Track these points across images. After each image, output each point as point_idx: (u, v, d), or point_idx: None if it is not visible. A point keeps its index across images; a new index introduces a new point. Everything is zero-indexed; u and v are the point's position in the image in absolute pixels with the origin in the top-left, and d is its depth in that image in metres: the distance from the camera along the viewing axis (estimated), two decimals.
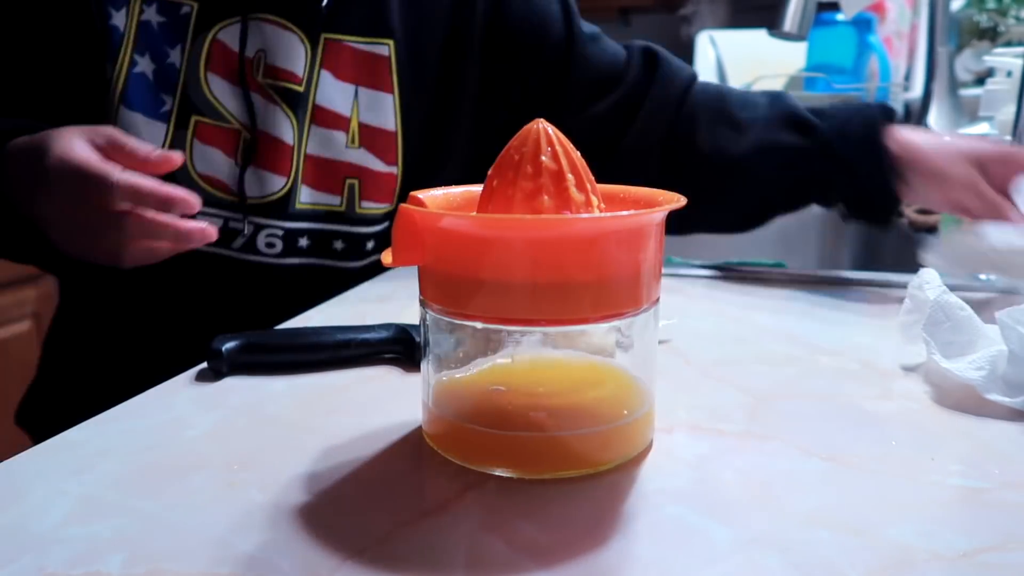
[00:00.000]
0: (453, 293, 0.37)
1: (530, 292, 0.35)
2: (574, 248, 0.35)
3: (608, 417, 0.40)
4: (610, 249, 0.36)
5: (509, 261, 0.35)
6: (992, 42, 1.35)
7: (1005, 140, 0.85)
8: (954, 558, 0.31)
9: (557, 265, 0.35)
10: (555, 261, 0.35)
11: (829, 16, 1.56)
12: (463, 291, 0.37)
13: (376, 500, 0.36)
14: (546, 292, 0.35)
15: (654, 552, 0.32)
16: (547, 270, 0.35)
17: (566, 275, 0.35)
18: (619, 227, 0.36)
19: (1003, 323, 0.46)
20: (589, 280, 0.36)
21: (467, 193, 0.43)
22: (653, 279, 0.38)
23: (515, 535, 0.33)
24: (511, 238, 0.36)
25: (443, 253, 0.37)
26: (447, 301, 0.38)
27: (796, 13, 0.98)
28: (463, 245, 0.37)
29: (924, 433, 0.43)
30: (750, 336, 0.61)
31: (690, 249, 1.32)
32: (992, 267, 0.67)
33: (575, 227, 0.36)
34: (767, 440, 0.42)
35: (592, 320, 0.37)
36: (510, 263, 0.35)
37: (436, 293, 0.38)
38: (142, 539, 0.33)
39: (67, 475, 0.39)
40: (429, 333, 0.40)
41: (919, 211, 1.11)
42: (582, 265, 0.35)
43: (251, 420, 0.45)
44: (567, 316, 0.36)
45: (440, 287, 0.38)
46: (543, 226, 0.36)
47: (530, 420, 0.39)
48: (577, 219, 0.37)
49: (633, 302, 0.37)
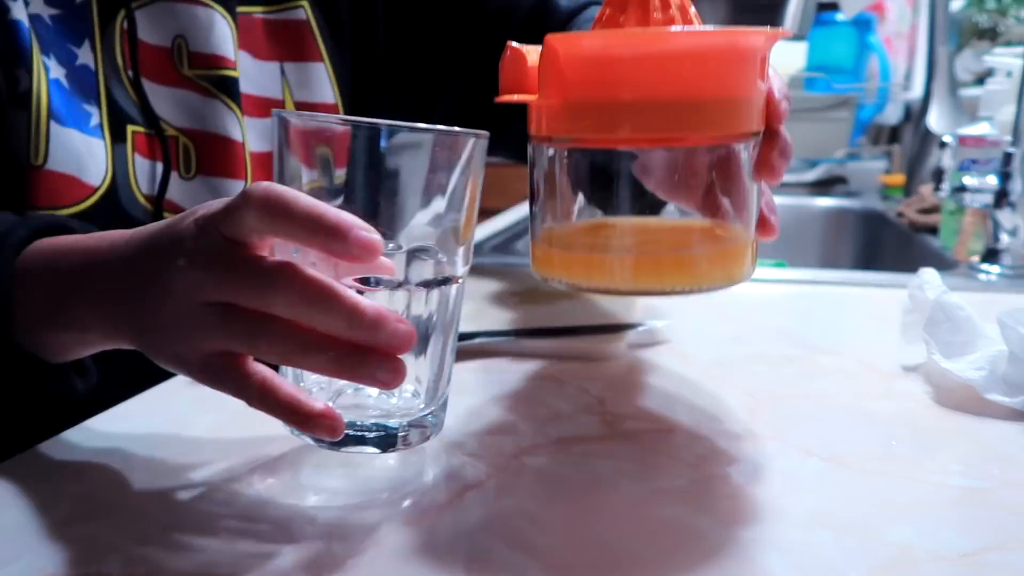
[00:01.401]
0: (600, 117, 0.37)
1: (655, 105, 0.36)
2: (707, 62, 0.36)
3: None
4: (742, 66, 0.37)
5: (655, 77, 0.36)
6: (992, 42, 1.35)
7: (1005, 140, 0.85)
8: (954, 558, 0.31)
9: (698, 79, 0.36)
10: (706, 74, 0.36)
11: (829, 16, 1.56)
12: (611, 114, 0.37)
13: (376, 500, 0.36)
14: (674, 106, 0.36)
15: (654, 552, 0.32)
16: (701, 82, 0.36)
17: (702, 89, 0.36)
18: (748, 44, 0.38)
19: (1003, 323, 0.46)
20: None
21: None
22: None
23: (515, 535, 0.33)
24: (665, 51, 0.36)
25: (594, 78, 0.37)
26: (592, 127, 0.38)
27: (796, 13, 0.98)
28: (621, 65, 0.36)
29: (924, 433, 0.43)
30: (750, 336, 0.61)
31: None
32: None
33: (712, 39, 0.37)
34: (767, 440, 0.42)
35: None
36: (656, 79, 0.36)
37: (577, 123, 0.38)
38: (142, 539, 0.33)
39: (67, 475, 0.38)
40: (558, 172, 0.40)
41: (919, 211, 1.11)
42: (717, 79, 0.37)
43: (251, 420, 0.45)
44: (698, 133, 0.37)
45: (584, 114, 0.38)
46: (696, 36, 0.37)
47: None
48: (716, 31, 0.38)
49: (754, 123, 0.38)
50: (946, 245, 0.98)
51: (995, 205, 0.80)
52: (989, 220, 0.82)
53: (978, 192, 0.81)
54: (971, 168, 0.90)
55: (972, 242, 0.91)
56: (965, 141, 0.93)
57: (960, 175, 0.83)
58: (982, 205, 0.81)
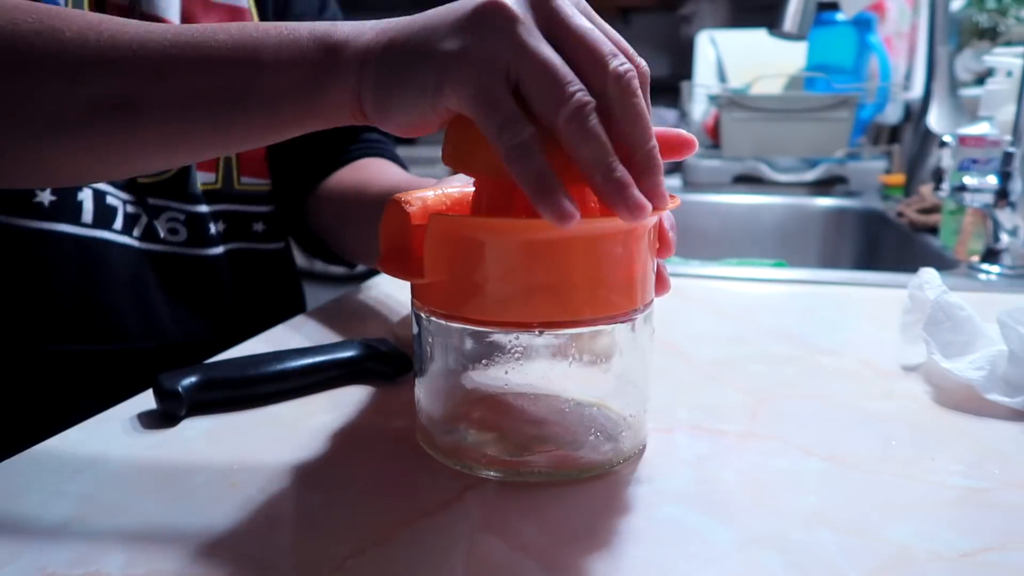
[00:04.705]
0: (466, 299, 0.36)
1: (525, 292, 0.35)
2: (572, 249, 0.35)
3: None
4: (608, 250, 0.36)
5: (514, 263, 0.35)
6: (992, 42, 1.35)
7: (1005, 140, 0.85)
8: (954, 558, 0.31)
9: (554, 266, 0.35)
10: (554, 262, 0.35)
11: (829, 16, 1.56)
12: (474, 295, 0.36)
13: (376, 500, 0.36)
14: (543, 292, 0.35)
15: (654, 552, 0.32)
16: (545, 271, 0.35)
17: (562, 276, 0.35)
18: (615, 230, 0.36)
19: (1003, 323, 0.46)
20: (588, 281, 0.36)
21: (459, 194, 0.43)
22: (647, 281, 0.38)
23: (515, 535, 0.33)
24: (516, 241, 0.35)
25: (469, 261, 0.36)
26: (454, 307, 0.37)
27: (796, 13, 0.98)
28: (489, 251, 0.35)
29: (924, 433, 0.43)
30: (750, 336, 0.61)
31: (690, 249, 1.32)
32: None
33: (579, 229, 0.36)
34: (767, 440, 0.42)
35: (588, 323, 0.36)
36: (514, 265, 0.35)
37: (444, 300, 0.37)
38: (142, 539, 0.33)
39: (67, 475, 0.39)
40: (429, 340, 0.39)
41: (919, 211, 1.11)
42: (583, 266, 0.35)
43: (251, 420, 0.45)
44: (563, 318, 0.36)
45: (451, 294, 0.37)
46: (541, 228, 0.35)
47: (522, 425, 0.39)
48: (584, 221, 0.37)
49: (629, 303, 0.37)
50: (946, 245, 0.98)
51: (995, 205, 0.80)
52: (989, 220, 0.82)
53: (978, 192, 0.81)
54: (971, 168, 0.90)
55: (972, 242, 0.91)
56: (965, 141, 0.93)
57: (960, 175, 0.83)
58: (982, 205, 0.81)
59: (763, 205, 1.40)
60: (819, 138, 1.50)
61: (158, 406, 0.44)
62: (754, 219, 1.40)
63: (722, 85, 1.70)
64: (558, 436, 0.40)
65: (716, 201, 1.42)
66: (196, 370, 0.46)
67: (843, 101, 1.47)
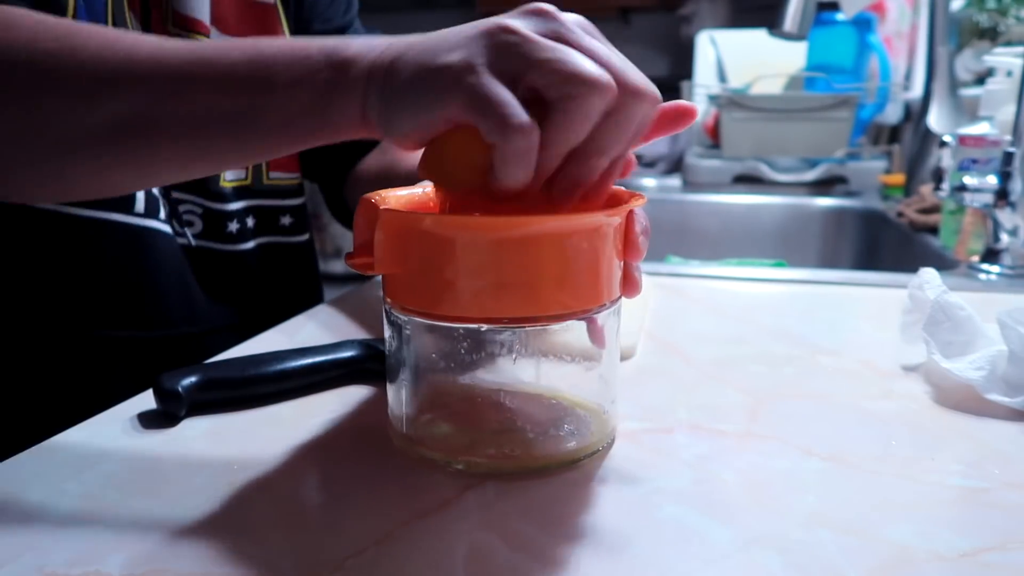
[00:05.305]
0: (441, 294, 0.37)
1: (495, 289, 0.36)
2: (540, 246, 0.35)
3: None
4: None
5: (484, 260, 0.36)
6: (992, 42, 1.35)
7: (1005, 140, 0.85)
8: (954, 558, 0.31)
9: (521, 264, 0.35)
10: (521, 259, 0.35)
11: (829, 16, 1.56)
12: (448, 291, 0.36)
13: (376, 500, 0.36)
14: (512, 289, 0.36)
15: (654, 552, 0.32)
16: (513, 268, 0.36)
17: (530, 272, 0.36)
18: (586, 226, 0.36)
19: (1003, 323, 0.46)
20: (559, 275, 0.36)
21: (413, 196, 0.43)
22: (613, 278, 0.39)
23: (515, 535, 0.33)
24: (483, 239, 0.36)
25: (430, 255, 0.37)
26: (430, 303, 0.37)
27: (796, 13, 0.98)
28: (451, 246, 0.36)
29: (924, 433, 0.43)
30: (750, 336, 0.61)
31: (690, 249, 1.32)
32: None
33: (545, 226, 0.36)
34: (767, 440, 0.42)
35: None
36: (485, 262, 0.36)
37: (412, 295, 0.38)
38: (142, 539, 0.33)
39: (67, 475, 0.39)
40: (406, 337, 0.39)
41: (919, 211, 1.11)
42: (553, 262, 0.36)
43: (251, 420, 0.45)
44: (531, 314, 0.36)
45: (423, 289, 0.37)
46: (511, 225, 0.36)
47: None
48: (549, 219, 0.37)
49: (595, 300, 0.38)
50: (946, 245, 0.98)
51: (995, 205, 0.80)
52: (989, 220, 0.82)
53: (978, 192, 0.81)
54: (971, 168, 0.90)
55: (972, 242, 0.91)
56: (965, 141, 0.93)
57: (960, 175, 0.83)
58: (982, 205, 0.81)
59: (763, 205, 1.40)
60: (819, 138, 1.50)
61: (158, 406, 0.45)
62: (754, 219, 1.40)
63: (722, 85, 1.70)
64: (525, 429, 0.41)
65: (716, 201, 1.42)
66: (196, 370, 0.46)
67: (843, 101, 1.47)
